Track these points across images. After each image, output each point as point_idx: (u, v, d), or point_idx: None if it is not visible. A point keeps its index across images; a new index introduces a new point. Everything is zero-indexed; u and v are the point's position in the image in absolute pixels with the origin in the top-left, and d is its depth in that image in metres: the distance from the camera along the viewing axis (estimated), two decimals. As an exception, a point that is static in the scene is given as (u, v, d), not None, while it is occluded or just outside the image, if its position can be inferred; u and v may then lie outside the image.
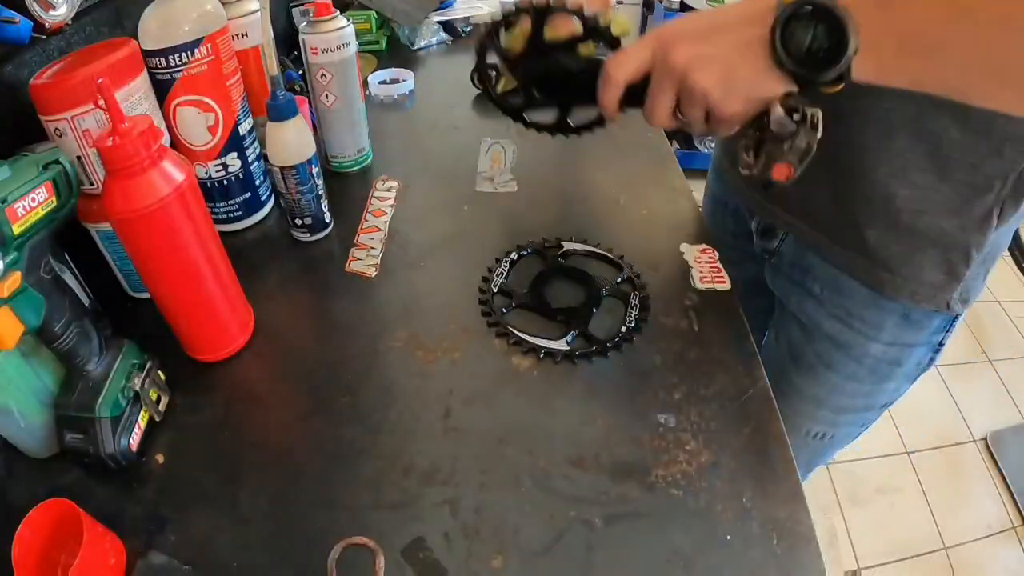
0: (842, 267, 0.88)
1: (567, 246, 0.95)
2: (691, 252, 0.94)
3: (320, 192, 0.95)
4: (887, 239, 0.81)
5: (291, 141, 0.90)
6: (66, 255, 0.77)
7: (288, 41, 1.57)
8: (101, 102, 0.60)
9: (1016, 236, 2.49)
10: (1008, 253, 2.68)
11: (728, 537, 0.61)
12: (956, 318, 0.88)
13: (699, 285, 0.88)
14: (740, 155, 0.66)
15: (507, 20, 0.81)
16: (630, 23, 0.75)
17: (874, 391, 0.99)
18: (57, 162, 0.63)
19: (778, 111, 0.61)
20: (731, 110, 0.63)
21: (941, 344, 0.92)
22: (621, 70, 0.69)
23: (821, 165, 0.65)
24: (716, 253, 0.94)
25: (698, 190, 3.01)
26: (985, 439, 2.41)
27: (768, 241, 0.99)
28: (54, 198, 0.62)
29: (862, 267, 0.85)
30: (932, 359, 0.94)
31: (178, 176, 0.66)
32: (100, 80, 0.60)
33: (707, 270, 0.91)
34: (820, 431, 1.09)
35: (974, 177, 0.72)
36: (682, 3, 3.23)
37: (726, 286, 0.88)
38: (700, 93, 0.63)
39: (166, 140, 0.85)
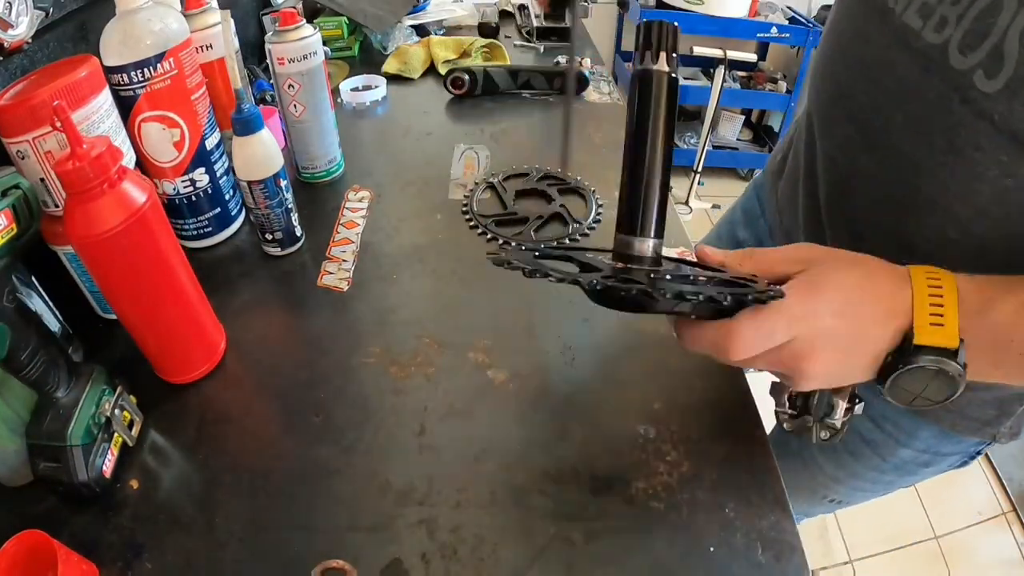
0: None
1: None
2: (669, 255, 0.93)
3: (289, 206, 0.94)
4: None
5: (258, 155, 0.88)
6: (33, 279, 0.75)
7: (259, 50, 1.56)
8: (59, 124, 0.59)
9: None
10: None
11: (712, 549, 0.61)
12: None
13: (678, 289, 0.87)
14: (778, 396, 0.63)
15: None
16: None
17: (896, 481, 0.96)
18: (17, 187, 0.62)
19: (841, 407, 0.59)
20: (802, 390, 0.59)
21: (979, 452, 0.86)
22: (742, 353, 0.55)
23: None
24: (694, 256, 0.92)
25: (679, 187, 3.00)
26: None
27: None
28: (14, 225, 0.61)
29: None
30: (966, 463, 0.89)
31: (140, 197, 0.64)
32: (56, 103, 0.59)
33: (685, 273, 0.90)
34: (835, 498, 1.06)
35: None
36: (658, 1, 3.22)
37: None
38: (792, 382, 0.58)
39: (131, 158, 0.84)
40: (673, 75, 0.53)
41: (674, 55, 0.53)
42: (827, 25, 0.82)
